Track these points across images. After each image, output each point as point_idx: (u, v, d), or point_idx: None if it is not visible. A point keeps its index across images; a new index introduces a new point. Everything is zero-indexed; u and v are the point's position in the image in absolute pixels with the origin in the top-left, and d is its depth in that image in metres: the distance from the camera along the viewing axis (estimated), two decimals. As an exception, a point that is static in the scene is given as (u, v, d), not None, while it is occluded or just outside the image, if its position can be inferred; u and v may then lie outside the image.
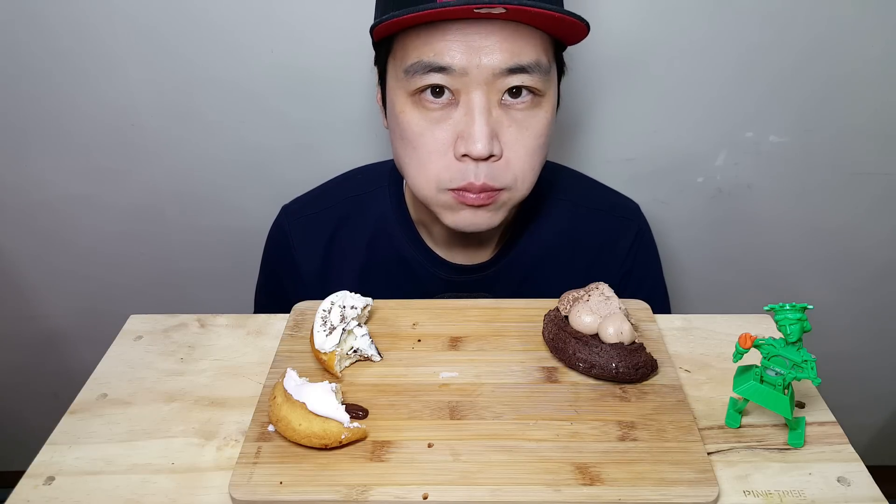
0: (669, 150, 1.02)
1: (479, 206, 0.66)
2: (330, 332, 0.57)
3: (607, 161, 0.92)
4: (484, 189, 0.64)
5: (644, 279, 0.87)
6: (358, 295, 0.60)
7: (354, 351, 0.59)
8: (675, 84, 0.96)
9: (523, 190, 0.68)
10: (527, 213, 0.80)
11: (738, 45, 0.92)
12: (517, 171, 0.65)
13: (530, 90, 0.63)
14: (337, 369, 0.57)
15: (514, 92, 0.62)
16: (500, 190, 0.65)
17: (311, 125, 0.98)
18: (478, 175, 0.63)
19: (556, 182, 0.83)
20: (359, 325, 0.60)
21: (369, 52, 0.68)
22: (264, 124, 0.98)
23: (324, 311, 0.58)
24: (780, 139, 1.01)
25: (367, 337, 0.60)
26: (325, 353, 0.57)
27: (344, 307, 0.58)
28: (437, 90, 0.62)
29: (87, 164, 1.01)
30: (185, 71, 0.94)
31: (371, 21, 0.66)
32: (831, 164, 1.03)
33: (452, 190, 0.65)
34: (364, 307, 0.61)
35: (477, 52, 0.59)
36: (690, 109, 0.98)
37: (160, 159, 0.88)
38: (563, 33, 0.63)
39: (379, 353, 0.60)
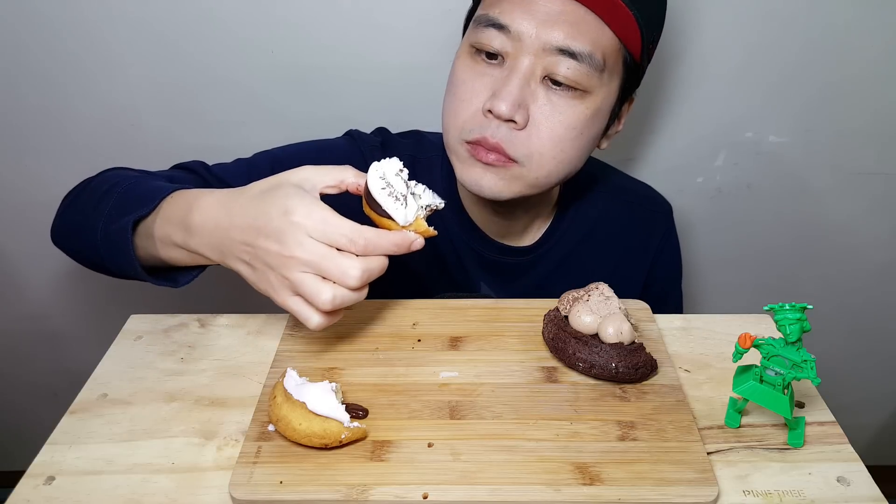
0: (669, 151, 1.02)
1: (487, 165, 0.66)
2: (405, 202, 0.54)
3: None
4: (496, 149, 0.65)
5: (665, 280, 0.89)
6: (385, 159, 0.56)
7: (424, 208, 0.56)
8: (675, 84, 0.96)
9: (538, 173, 0.67)
10: (568, 202, 0.82)
11: (738, 45, 0.92)
12: (534, 149, 0.65)
13: (572, 85, 0.63)
14: (430, 229, 0.55)
15: (557, 81, 0.63)
16: (512, 160, 0.66)
17: (312, 125, 0.97)
18: (494, 133, 0.65)
19: (596, 174, 0.86)
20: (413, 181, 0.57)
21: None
22: (265, 124, 0.98)
23: (381, 189, 0.54)
24: (780, 139, 1.01)
25: (425, 187, 0.57)
26: (411, 225, 0.54)
27: (397, 173, 0.55)
28: (491, 55, 0.65)
29: (87, 164, 1.00)
30: (186, 71, 0.94)
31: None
32: (831, 164, 1.03)
33: (469, 142, 0.67)
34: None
35: (536, 22, 0.61)
36: (690, 110, 0.98)
37: (160, 159, 0.88)
38: (620, 30, 0.63)
39: (440, 197, 0.57)
